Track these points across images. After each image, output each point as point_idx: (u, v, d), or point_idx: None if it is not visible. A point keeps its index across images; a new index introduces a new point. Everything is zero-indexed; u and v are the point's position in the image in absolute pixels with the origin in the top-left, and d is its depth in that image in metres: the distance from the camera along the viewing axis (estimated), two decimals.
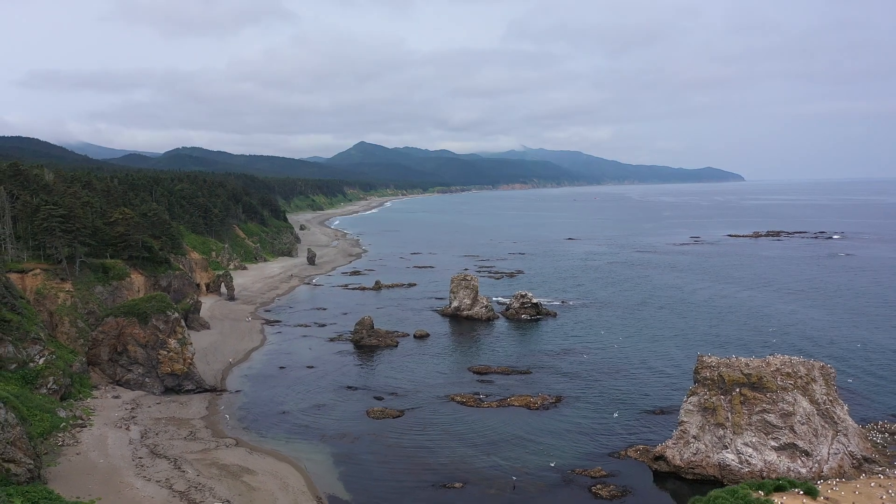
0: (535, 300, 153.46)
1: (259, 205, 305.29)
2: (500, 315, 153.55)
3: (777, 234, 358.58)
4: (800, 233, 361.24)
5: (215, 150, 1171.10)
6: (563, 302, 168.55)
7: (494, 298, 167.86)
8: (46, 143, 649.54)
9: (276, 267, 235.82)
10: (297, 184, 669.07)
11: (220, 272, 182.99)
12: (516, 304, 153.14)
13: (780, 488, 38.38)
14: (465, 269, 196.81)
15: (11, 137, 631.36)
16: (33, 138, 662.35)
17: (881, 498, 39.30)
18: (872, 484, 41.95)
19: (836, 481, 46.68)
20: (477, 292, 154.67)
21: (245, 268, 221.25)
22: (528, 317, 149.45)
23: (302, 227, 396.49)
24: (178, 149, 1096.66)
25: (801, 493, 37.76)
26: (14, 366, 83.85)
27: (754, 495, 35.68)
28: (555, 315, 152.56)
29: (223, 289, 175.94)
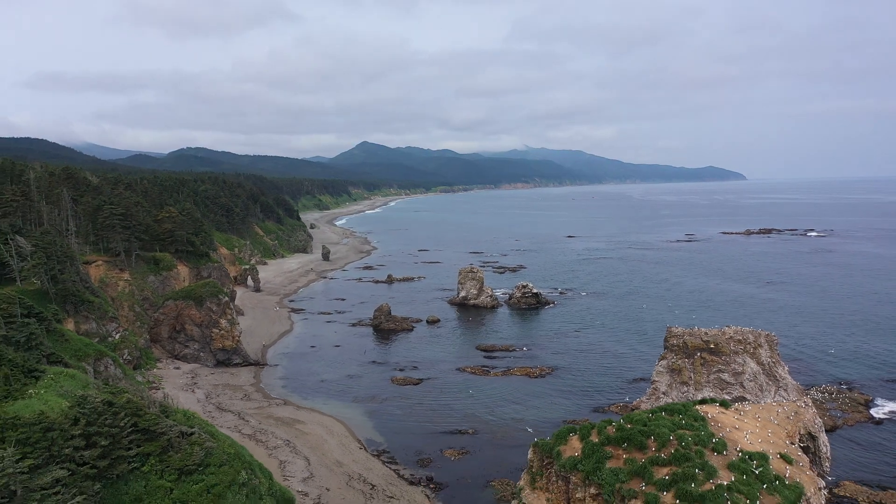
0: (535, 290, 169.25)
1: (274, 204, 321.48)
2: (503, 304, 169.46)
3: (768, 231, 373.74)
4: (790, 230, 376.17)
5: (220, 150, 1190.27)
6: (561, 292, 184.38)
7: (498, 290, 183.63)
8: (55, 144, 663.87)
9: (293, 263, 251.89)
10: (303, 184, 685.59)
11: (247, 266, 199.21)
12: (518, 294, 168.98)
13: (703, 402, 53.90)
14: (471, 264, 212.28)
15: (21, 139, 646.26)
16: (42, 139, 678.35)
17: (777, 412, 54.87)
18: (774, 404, 57.58)
19: (748, 401, 62.29)
20: (482, 283, 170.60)
21: (265, 263, 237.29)
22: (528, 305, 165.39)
23: (312, 226, 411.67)
24: (182, 149, 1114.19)
25: (718, 405, 53.24)
26: (97, 339, 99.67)
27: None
28: (553, 304, 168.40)
29: (250, 281, 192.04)
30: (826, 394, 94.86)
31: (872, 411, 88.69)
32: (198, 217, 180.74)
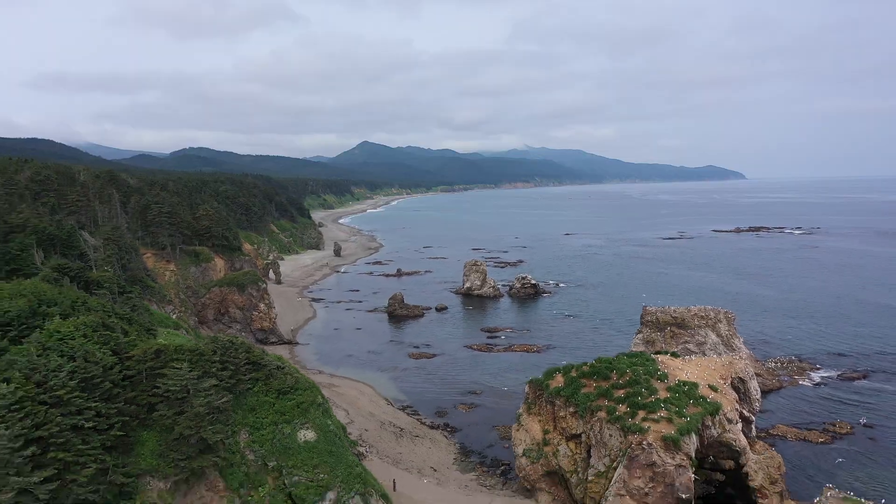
0: (533, 281, 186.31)
1: (287, 204, 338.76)
2: (504, 294, 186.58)
3: (758, 229, 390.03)
4: (779, 228, 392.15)
5: (221, 150, 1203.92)
6: (557, 284, 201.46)
7: (499, 282, 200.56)
8: (60, 145, 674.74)
9: (307, 258, 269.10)
10: (307, 183, 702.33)
11: (268, 261, 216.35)
12: (518, 285, 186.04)
13: (658, 353, 70.65)
14: (474, 259, 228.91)
15: (27, 139, 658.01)
16: (46, 139, 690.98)
17: (716, 362, 71.74)
18: (715, 357, 74.42)
19: (695, 355, 78.82)
20: (486, 275, 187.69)
21: (282, 259, 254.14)
22: (527, 294, 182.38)
23: (320, 224, 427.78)
24: (184, 149, 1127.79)
25: (669, 355, 69.92)
26: None
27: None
28: (550, 293, 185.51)
29: (271, 274, 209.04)
30: (779, 364, 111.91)
31: (814, 375, 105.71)
32: (224, 215, 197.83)
